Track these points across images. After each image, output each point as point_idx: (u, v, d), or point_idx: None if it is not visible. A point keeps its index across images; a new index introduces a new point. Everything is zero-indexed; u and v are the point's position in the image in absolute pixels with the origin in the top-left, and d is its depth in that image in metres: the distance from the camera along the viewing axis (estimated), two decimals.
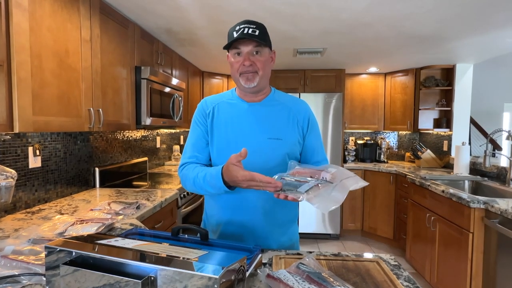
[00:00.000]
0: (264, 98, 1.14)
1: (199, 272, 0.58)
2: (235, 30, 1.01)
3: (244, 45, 1.02)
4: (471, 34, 2.43)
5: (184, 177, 1.10)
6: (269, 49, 1.09)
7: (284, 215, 1.14)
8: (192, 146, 1.13)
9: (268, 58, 1.08)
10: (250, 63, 1.02)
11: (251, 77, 1.04)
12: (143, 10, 1.99)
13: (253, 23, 1.02)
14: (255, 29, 1.00)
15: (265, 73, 1.07)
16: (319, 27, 2.32)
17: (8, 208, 1.52)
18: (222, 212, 1.11)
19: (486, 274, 1.98)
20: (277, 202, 1.08)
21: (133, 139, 2.76)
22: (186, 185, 1.10)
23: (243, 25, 1.01)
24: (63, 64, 1.48)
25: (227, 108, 1.13)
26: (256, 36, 1.00)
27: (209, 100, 1.16)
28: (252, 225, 1.08)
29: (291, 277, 0.78)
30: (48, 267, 0.68)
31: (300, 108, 1.15)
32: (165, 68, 2.72)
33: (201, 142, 1.13)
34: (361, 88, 4.10)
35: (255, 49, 1.03)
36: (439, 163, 3.58)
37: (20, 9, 1.24)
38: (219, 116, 1.12)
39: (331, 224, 3.72)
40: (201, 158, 1.12)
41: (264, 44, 1.03)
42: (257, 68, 1.04)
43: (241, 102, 1.13)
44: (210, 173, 0.98)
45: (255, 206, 1.07)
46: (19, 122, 1.23)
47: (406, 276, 0.87)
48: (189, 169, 1.09)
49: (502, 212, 1.80)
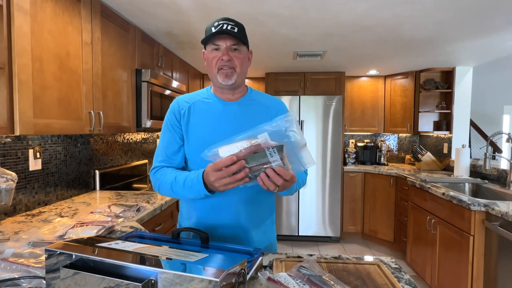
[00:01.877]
0: (241, 97, 1.12)
1: (200, 275, 0.58)
2: (214, 26, 1.00)
3: (222, 40, 1.01)
4: (470, 37, 2.44)
5: (157, 181, 1.06)
6: (247, 48, 1.08)
7: (262, 215, 1.13)
8: (164, 150, 1.10)
9: (246, 56, 1.07)
10: (228, 58, 1.01)
11: (229, 74, 1.02)
12: (143, 13, 2.00)
13: (232, 21, 1.01)
14: (234, 26, 1.00)
15: (242, 70, 1.06)
16: (318, 30, 2.33)
17: (8, 211, 1.52)
18: (200, 215, 1.09)
19: (487, 277, 1.97)
20: (255, 203, 1.08)
21: (133, 142, 2.76)
22: (160, 190, 1.06)
23: (222, 21, 1.00)
24: (64, 67, 1.49)
25: (203, 107, 1.09)
26: (236, 33, 0.99)
27: (184, 99, 1.12)
28: (231, 227, 1.07)
29: (292, 280, 0.78)
30: (48, 270, 0.68)
31: (277, 107, 1.14)
32: (166, 71, 2.73)
33: (173, 146, 1.09)
34: (361, 90, 4.11)
35: (234, 45, 1.02)
36: (439, 165, 3.58)
37: (22, 12, 1.24)
38: (194, 115, 1.08)
39: (331, 226, 3.72)
40: (174, 162, 1.10)
41: (242, 42, 1.03)
42: (235, 65, 1.03)
43: (217, 101, 1.10)
44: (190, 178, 0.96)
45: (233, 207, 1.06)
46: (19, 124, 1.24)
47: (407, 279, 0.87)
48: (163, 173, 1.06)
49: (503, 215, 1.80)
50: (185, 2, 1.84)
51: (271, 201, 1.18)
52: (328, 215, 3.71)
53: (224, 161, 0.81)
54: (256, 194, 1.09)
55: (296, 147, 0.84)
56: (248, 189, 1.05)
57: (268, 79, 3.94)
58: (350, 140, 4.40)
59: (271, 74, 3.94)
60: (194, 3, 1.85)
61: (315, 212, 3.72)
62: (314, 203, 3.72)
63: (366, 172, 3.75)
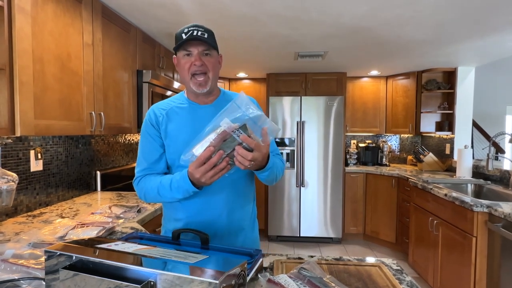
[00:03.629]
0: (215, 99, 1.14)
1: (199, 277, 0.58)
2: (184, 32, 1.02)
3: (193, 46, 1.03)
4: (472, 38, 2.43)
5: (142, 190, 1.08)
6: (217, 52, 1.10)
7: (246, 214, 1.15)
8: (145, 159, 1.11)
9: (216, 60, 1.10)
10: (201, 63, 1.03)
11: (203, 83, 1.05)
12: (144, 14, 2.01)
13: (201, 27, 1.04)
14: (204, 32, 1.03)
15: (215, 74, 1.09)
16: (319, 31, 2.32)
17: (9, 212, 1.52)
18: (189, 216, 1.09)
19: (489, 278, 1.96)
20: (239, 202, 1.11)
21: (134, 143, 2.76)
22: (147, 197, 1.08)
23: (191, 27, 1.02)
24: (65, 68, 1.49)
25: (179, 112, 1.11)
26: (206, 39, 1.02)
27: (159, 107, 1.13)
28: (216, 227, 1.09)
29: (292, 282, 0.77)
30: (48, 272, 0.68)
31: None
32: (167, 72, 2.73)
33: (154, 154, 1.10)
34: (362, 91, 4.10)
35: (205, 51, 1.04)
36: (442, 166, 3.56)
37: (23, 14, 1.24)
38: (172, 121, 1.10)
39: (333, 228, 3.70)
40: (157, 169, 1.11)
41: (213, 47, 1.06)
42: (207, 69, 1.05)
43: (192, 105, 1.12)
44: (176, 179, 0.97)
45: (218, 207, 1.08)
46: (20, 125, 1.24)
47: (408, 281, 0.86)
48: (147, 181, 1.07)
49: (506, 216, 1.78)
50: (186, 4, 1.84)
51: (253, 193, 1.22)
52: (330, 216, 3.70)
53: (204, 154, 0.85)
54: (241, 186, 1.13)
55: (258, 121, 0.89)
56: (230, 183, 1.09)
57: (269, 80, 3.94)
58: (352, 140, 4.39)
59: (272, 75, 3.93)
60: (195, 5, 1.86)
61: (317, 213, 3.71)
62: (316, 204, 3.71)
63: (368, 173, 3.74)
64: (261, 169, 0.98)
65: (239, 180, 1.11)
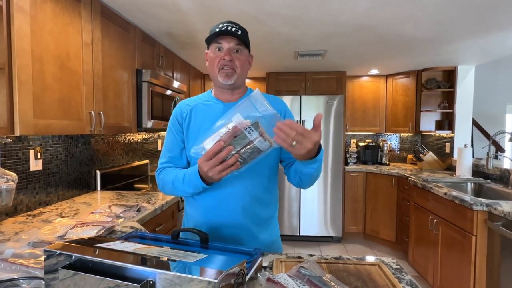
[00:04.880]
0: (240, 98, 1.14)
1: (198, 276, 0.58)
2: (218, 27, 1.03)
3: (226, 41, 1.03)
4: (472, 36, 2.43)
5: (161, 181, 1.11)
6: (248, 52, 1.10)
7: (263, 212, 1.14)
8: (167, 152, 1.14)
9: (246, 59, 1.10)
10: (230, 58, 1.03)
11: (230, 74, 1.05)
12: (144, 13, 2.00)
13: (236, 24, 1.05)
14: (238, 29, 1.03)
15: (243, 72, 1.08)
16: (319, 30, 2.32)
17: (9, 211, 1.52)
18: (202, 213, 1.10)
19: (489, 277, 1.96)
20: (256, 200, 1.09)
21: (134, 142, 2.76)
22: (164, 188, 1.10)
23: (226, 23, 1.03)
24: (64, 68, 1.49)
25: (203, 109, 1.12)
26: (239, 35, 1.02)
27: (186, 103, 1.16)
28: (233, 225, 1.08)
29: (292, 281, 0.77)
30: (47, 271, 0.67)
31: (275, 105, 1.15)
32: (167, 71, 2.73)
33: (176, 149, 1.13)
34: (362, 90, 4.09)
35: (236, 47, 1.04)
36: (442, 165, 3.56)
37: (22, 13, 1.24)
38: (195, 117, 1.11)
39: (333, 227, 3.71)
40: (177, 164, 1.14)
41: (245, 44, 1.06)
42: (236, 66, 1.05)
43: (217, 102, 1.13)
44: (188, 173, 0.99)
45: (234, 205, 1.07)
46: (20, 125, 1.24)
47: (408, 280, 0.86)
48: (166, 173, 1.10)
49: (506, 215, 1.78)
50: (186, 3, 1.84)
51: (273, 199, 1.18)
52: (330, 215, 3.70)
53: (213, 148, 0.85)
54: (258, 192, 1.10)
55: (271, 120, 0.86)
56: (249, 187, 1.07)
57: (269, 79, 3.94)
58: (352, 140, 4.39)
59: (272, 74, 3.93)
60: (195, 4, 1.85)
61: (317, 212, 3.71)
62: (316, 203, 3.71)
63: (368, 172, 3.74)
64: (312, 158, 0.90)
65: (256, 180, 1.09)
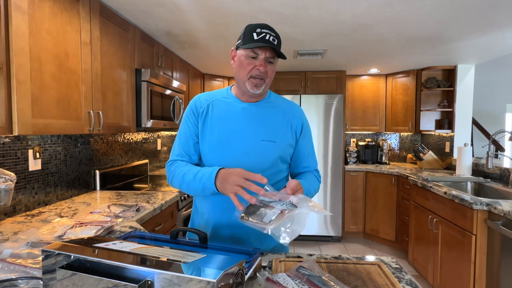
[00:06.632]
0: (260, 99, 1.14)
1: (197, 275, 0.57)
2: (256, 32, 1.00)
3: (262, 50, 1.02)
4: (472, 35, 2.42)
5: (171, 173, 1.10)
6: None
7: None
8: (181, 144, 1.13)
9: (276, 68, 1.10)
10: (265, 70, 1.03)
11: (259, 84, 1.05)
12: (143, 13, 2.00)
13: (274, 31, 1.03)
14: (274, 38, 1.02)
15: (270, 81, 1.09)
16: (319, 29, 2.31)
17: (8, 211, 1.51)
18: (213, 212, 1.10)
19: (489, 276, 1.96)
20: None
21: (133, 142, 2.76)
22: (173, 181, 1.10)
23: (264, 29, 1.01)
24: (62, 67, 1.48)
25: (221, 106, 1.12)
26: (276, 46, 1.02)
27: (204, 97, 1.15)
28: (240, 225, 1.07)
29: (291, 280, 0.77)
30: (45, 271, 0.67)
31: (294, 112, 1.16)
32: (166, 71, 2.72)
33: (190, 141, 1.12)
34: (362, 89, 4.09)
35: (270, 58, 1.04)
36: (441, 164, 3.56)
37: (20, 12, 1.24)
38: (213, 113, 1.11)
39: (333, 226, 3.70)
40: (190, 157, 1.13)
41: (278, 55, 1.05)
42: (266, 76, 1.05)
43: (236, 101, 1.12)
44: (204, 171, 0.98)
45: None
46: (18, 125, 1.23)
47: (407, 279, 0.86)
48: (178, 165, 1.09)
49: (505, 214, 1.78)
50: (184, 2, 1.83)
51: None
52: (330, 215, 3.69)
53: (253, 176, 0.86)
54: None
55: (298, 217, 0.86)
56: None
57: None
58: (352, 139, 4.39)
59: None
60: (193, 3, 1.85)
61: None
62: (315, 202, 3.70)
63: (368, 171, 3.74)
64: None
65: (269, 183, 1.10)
